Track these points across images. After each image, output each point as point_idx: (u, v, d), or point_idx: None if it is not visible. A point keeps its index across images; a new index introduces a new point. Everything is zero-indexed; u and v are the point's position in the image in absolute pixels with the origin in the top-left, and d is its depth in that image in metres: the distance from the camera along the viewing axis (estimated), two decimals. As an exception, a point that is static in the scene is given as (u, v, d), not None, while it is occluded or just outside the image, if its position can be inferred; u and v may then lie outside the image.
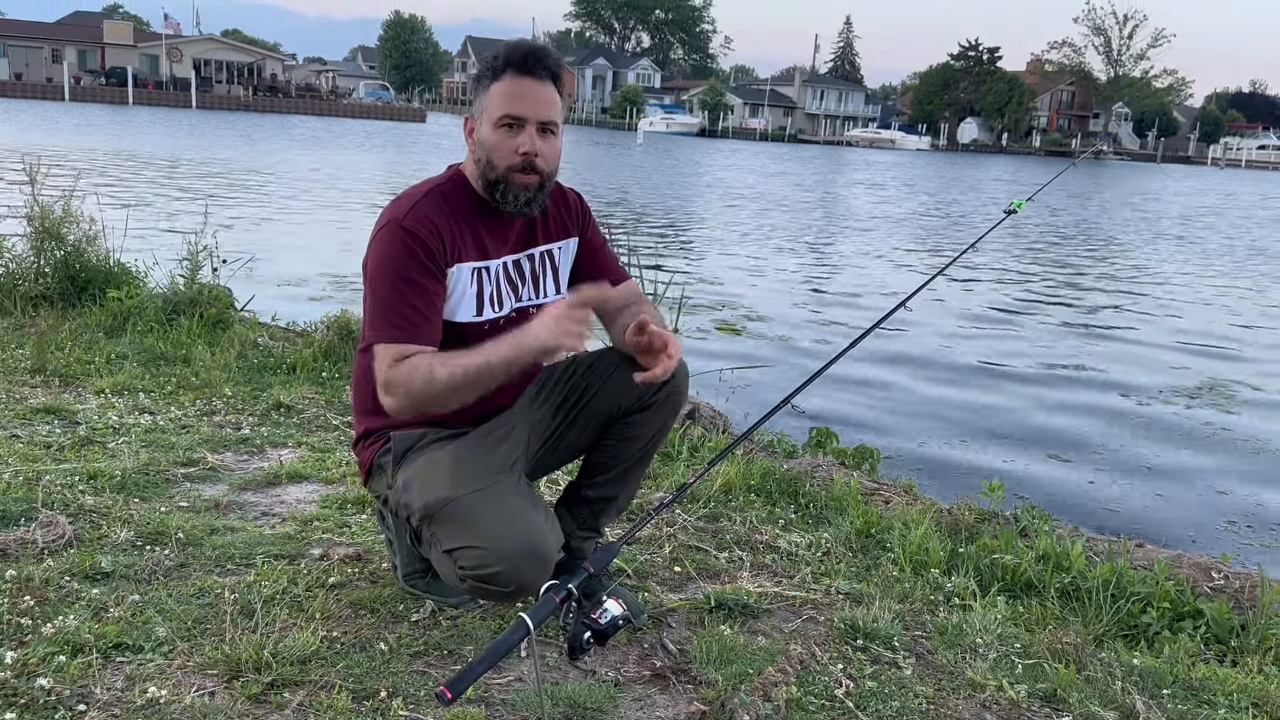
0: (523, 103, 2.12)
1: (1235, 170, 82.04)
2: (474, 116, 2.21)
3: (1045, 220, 21.82)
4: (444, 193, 2.20)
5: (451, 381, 2.05)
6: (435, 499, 2.13)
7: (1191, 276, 14.12)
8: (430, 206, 2.15)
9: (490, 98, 2.15)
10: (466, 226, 2.19)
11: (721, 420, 4.43)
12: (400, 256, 2.10)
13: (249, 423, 3.92)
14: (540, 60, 2.14)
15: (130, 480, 3.14)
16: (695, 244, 14.39)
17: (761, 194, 25.58)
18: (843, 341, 4.24)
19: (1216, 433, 6.19)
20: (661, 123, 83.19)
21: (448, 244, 2.14)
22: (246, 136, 35.95)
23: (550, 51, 2.18)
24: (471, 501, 2.11)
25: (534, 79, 2.14)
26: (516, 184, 2.15)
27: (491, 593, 2.14)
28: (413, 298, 2.10)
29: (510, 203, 2.18)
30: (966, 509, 3.57)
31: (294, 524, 2.95)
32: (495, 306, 2.24)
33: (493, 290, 2.24)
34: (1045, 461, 5.42)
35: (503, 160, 2.13)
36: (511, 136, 2.12)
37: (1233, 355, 8.73)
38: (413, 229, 2.11)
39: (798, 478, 3.68)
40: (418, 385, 2.05)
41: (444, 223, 2.14)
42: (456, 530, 2.11)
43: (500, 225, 2.25)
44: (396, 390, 2.08)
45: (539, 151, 2.14)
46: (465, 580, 2.12)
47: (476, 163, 2.19)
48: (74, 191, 5.73)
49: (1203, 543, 4.33)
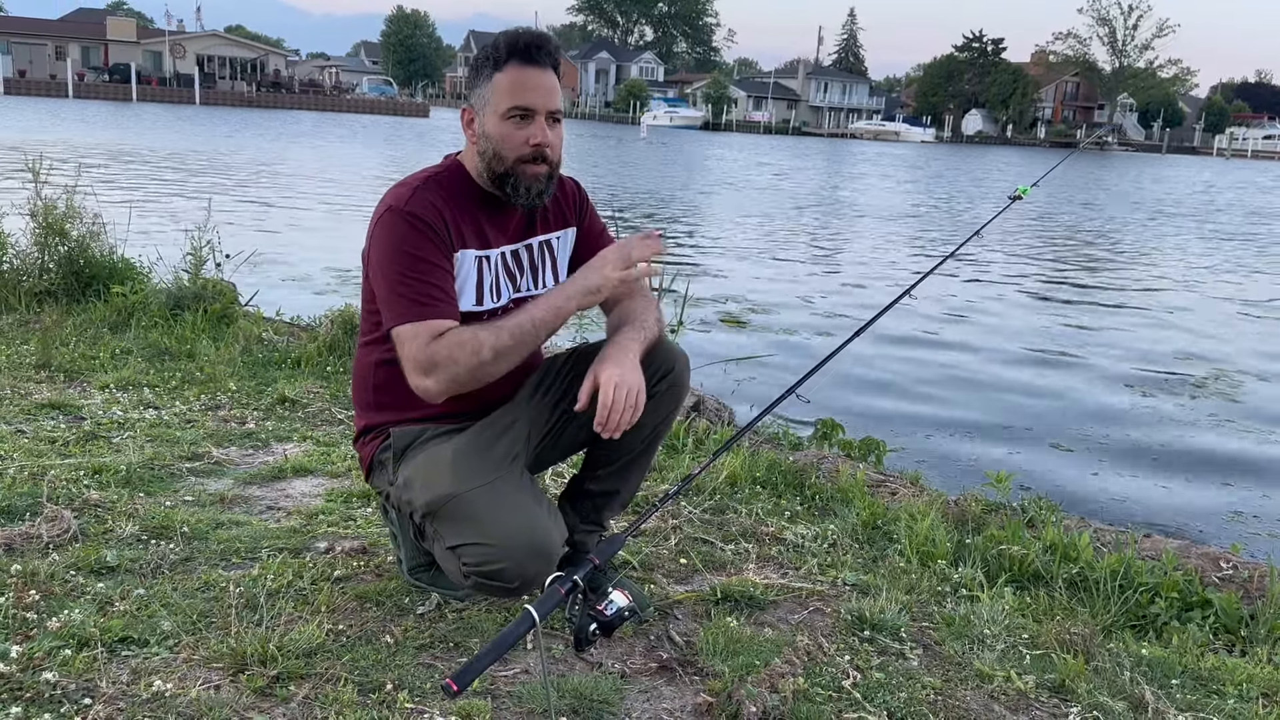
0: (532, 94, 2.10)
1: (1241, 160, 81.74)
2: (473, 107, 2.17)
3: (1051, 210, 21.76)
4: (441, 181, 2.17)
5: (499, 345, 2.03)
6: (437, 496, 2.12)
7: (1199, 267, 14.07)
8: (430, 193, 2.12)
9: (494, 88, 2.12)
10: (467, 214, 2.17)
11: (726, 412, 4.43)
12: (408, 237, 2.07)
13: (254, 417, 3.91)
14: (543, 48, 2.12)
15: (135, 475, 3.14)
16: (699, 237, 14.38)
17: (766, 187, 25.55)
18: (846, 333, 4.22)
19: (1222, 423, 6.17)
20: (665, 116, 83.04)
21: (451, 229, 2.12)
22: (251, 132, 35.97)
23: (550, 38, 2.16)
24: (474, 498, 2.10)
25: (538, 68, 2.11)
26: (528, 175, 2.13)
27: (496, 589, 2.13)
28: (429, 276, 2.06)
29: (522, 195, 2.15)
30: (973, 500, 3.56)
31: (299, 518, 2.94)
32: (494, 296, 2.22)
33: (493, 280, 2.21)
34: (1051, 452, 5.41)
35: (513, 152, 2.11)
36: (521, 128, 2.10)
37: (1237, 343, 8.70)
38: (416, 212, 2.08)
39: (803, 469, 3.67)
40: (465, 356, 2.01)
41: (446, 208, 2.12)
42: (460, 527, 2.10)
43: (500, 215, 2.23)
44: (441, 367, 2.02)
45: (549, 142, 2.13)
46: (469, 576, 2.11)
47: (481, 155, 2.16)
48: (77, 187, 5.73)
49: (1210, 534, 4.32)
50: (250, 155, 24.95)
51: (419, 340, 2.03)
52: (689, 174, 28.86)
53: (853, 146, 67.30)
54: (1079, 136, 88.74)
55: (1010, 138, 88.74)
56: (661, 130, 70.94)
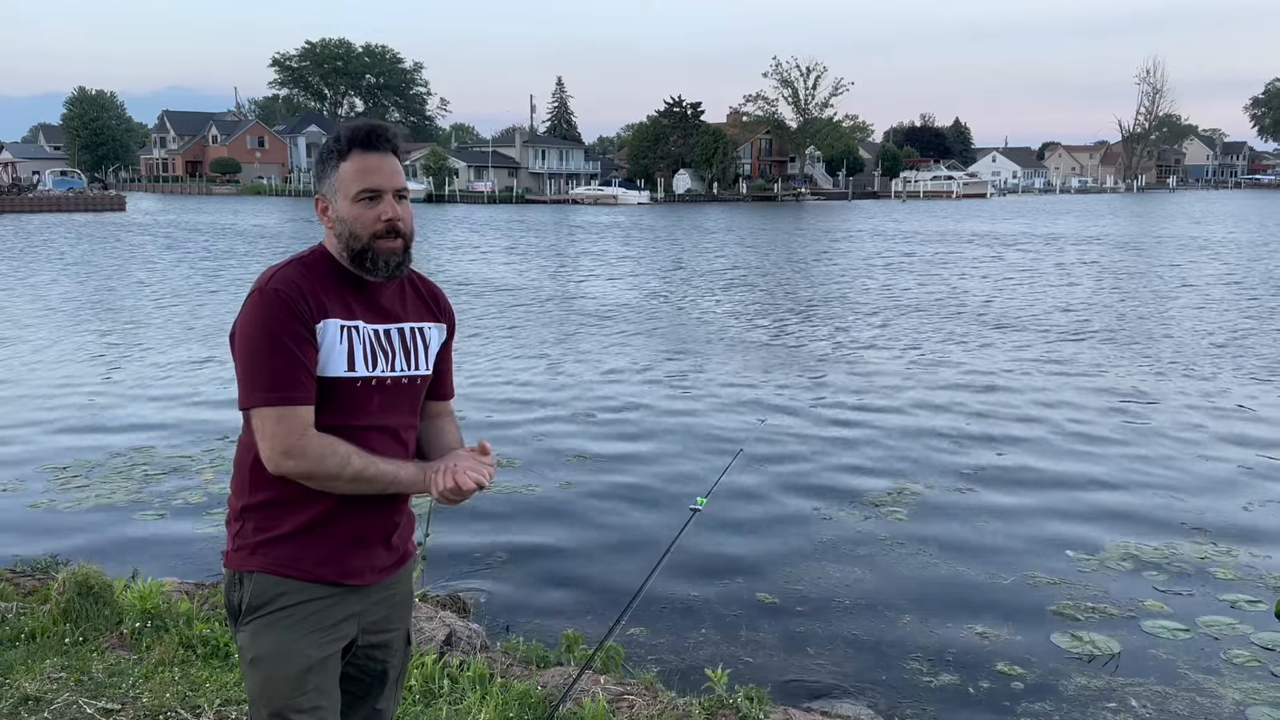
0: (377, 175, 2.30)
1: (915, 202, 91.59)
2: (325, 197, 2.35)
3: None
4: (307, 263, 2.31)
5: (359, 478, 2.23)
6: (280, 706, 2.28)
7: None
8: (293, 272, 2.27)
9: (341, 177, 2.30)
10: (330, 289, 2.29)
11: (478, 636, 4.78)
12: (268, 317, 2.20)
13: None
14: (382, 135, 2.36)
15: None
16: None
17: (490, 280, 26.03)
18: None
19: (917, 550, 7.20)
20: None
21: (312, 302, 2.24)
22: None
23: (388, 126, 2.42)
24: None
25: (379, 153, 2.32)
26: (384, 250, 2.29)
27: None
28: (284, 356, 2.19)
29: (381, 269, 2.30)
30: (698, 707, 4.13)
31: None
32: (368, 365, 2.31)
33: (363, 350, 2.31)
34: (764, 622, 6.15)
35: (366, 230, 2.28)
36: (371, 207, 2.30)
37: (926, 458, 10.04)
38: (277, 288, 2.22)
39: (552, 698, 4.09)
40: (330, 465, 2.20)
41: (308, 284, 2.25)
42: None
43: (365, 295, 2.35)
44: (308, 460, 2.18)
45: (400, 216, 2.36)
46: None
47: (339, 236, 2.31)
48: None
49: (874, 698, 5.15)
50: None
51: (287, 426, 2.18)
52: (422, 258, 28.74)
53: (575, 213, 69.52)
54: (776, 190, 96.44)
55: (716, 194, 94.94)
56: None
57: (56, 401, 11.42)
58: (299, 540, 2.28)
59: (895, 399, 11.62)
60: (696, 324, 18.05)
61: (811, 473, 8.79)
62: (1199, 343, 15.40)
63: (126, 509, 7.71)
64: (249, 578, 2.30)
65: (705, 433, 10.10)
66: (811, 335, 16.56)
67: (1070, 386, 12.21)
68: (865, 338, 16.18)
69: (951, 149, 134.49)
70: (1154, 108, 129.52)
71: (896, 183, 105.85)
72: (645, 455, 9.32)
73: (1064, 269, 28.15)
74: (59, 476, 8.50)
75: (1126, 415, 10.73)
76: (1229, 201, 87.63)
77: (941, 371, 13.22)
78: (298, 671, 2.27)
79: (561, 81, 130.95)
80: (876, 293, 22.50)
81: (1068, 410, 10.97)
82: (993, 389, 12.06)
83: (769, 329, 17.32)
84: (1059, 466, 8.86)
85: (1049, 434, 9.99)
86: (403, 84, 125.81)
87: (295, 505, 2.27)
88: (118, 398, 11.66)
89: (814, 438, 9.91)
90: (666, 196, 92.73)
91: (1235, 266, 28.32)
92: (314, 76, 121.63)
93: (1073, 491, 8.16)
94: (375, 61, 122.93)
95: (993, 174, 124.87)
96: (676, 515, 6.76)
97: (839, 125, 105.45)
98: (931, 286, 23.65)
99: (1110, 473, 8.66)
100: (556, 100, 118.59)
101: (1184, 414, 10.81)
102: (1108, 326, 17.15)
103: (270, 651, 2.28)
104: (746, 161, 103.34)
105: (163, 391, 11.97)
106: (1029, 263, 30.22)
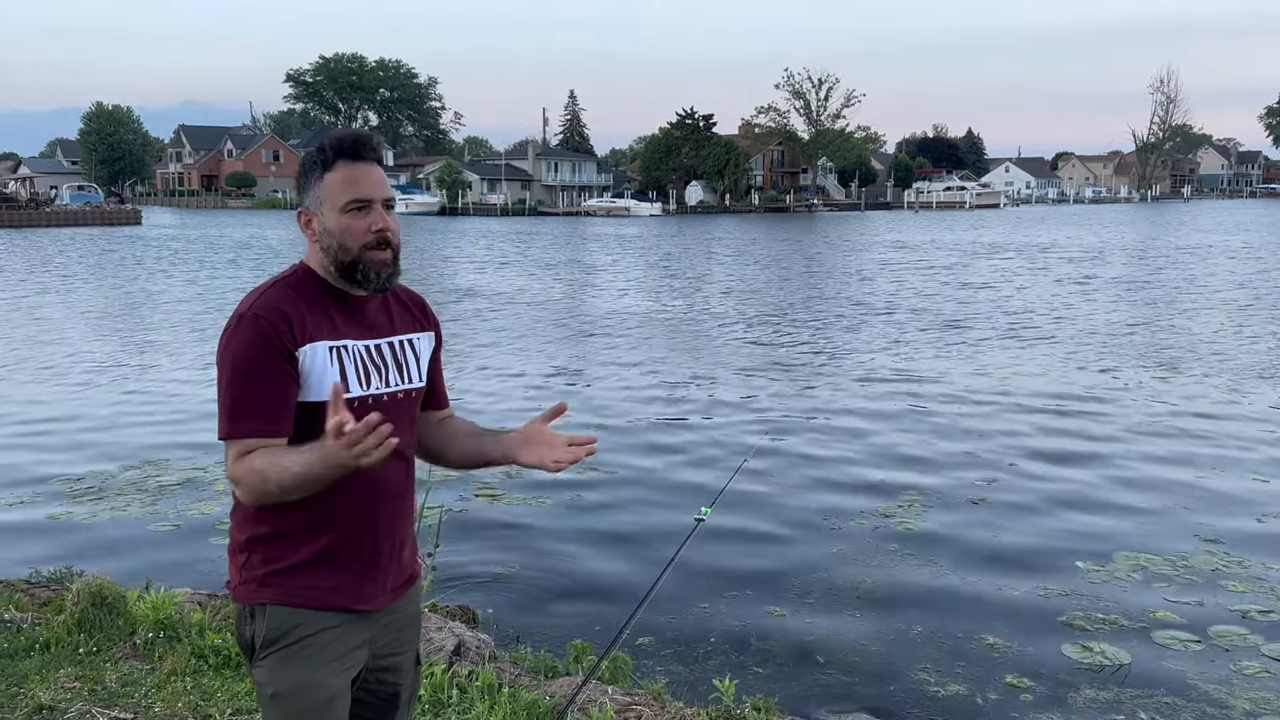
0: (365, 185, 2.25)
1: (928, 212, 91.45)
2: (309, 209, 2.28)
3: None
4: (289, 284, 2.26)
5: (281, 484, 2.12)
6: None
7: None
8: (275, 294, 2.22)
9: (327, 188, 2.25)
10: (317, 309, 2.24)
11: (486, 646, 4.81)
12: (245, 345, 2.16)
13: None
14: (367, 144, 2.33)
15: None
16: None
17: (501, 291, 26.13)
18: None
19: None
20: (400, 204, 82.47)
21: (295, 326, 2.18)
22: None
23: (371, 135, 2.40)
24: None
25: (365, 163, 2.30)
26: (374, 261, 2.27)
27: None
28: (257, 387, 2.15)
29: (371, 281, 2.26)
30: (706, 717, 4.14)
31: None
32: (362, 384, 2.26)
33: (355, 368, 2.26)
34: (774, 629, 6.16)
35: (356, 241, 2.23)
36: (360, 218, 2.26)
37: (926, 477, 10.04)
38: (258, 314, 2.17)
39: (560, 708, 4.11)
40: (256, 485, 2.13)
41: (290, 307, 2.20)
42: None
43: (352, 312, 2.30)
44: (243, 485, 2.15)
45: (390, 226, 2.33)
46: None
47: (326, 250, 2.25)
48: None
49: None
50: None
51: (231, 455, 2.17)
52: (429, 274, 28.90)
53: (588, 225, 69.65)
54: (788, 201, 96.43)
55: (729, 206, 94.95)
56: (399, 218, 70.13)
57: (73, 412, 11.56)
58: (310, 569, 2.25)
59: (903, 408, 11.62)
60: (706, 334, 18.08)
61: (818, 483, 8.78)
62: (1211, 351, 15.34)
63: (140, 520, 7.78)
64: (261, 610, 2.26)
65: (711, 442, 10.12)
66: (819, 346, 16.56)
67: (1080, 395, 12.18)
68: (875, 348, 16.17)
69: (964, 159, 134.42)
70: (1168, 117, 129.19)
71: (909, 193, 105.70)
72: (651, 466, 9.34)
73: (1083, 281, 28.05)
74: (73, 489, 8.58)
75: (1137, 425, 10.70)
76: (1243, 211, 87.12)
77: (949, 381, 13.21)
78: (320, 703, 2.24)
79: (573, 94, 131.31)
80: (890, 302, 22.49)
81: (1077, 420, 10.95)
82: (1006, 393, 12.04)
83: (776, 339, 17.34)
84: (1068, 476, 8.84)
85: (1058, 443, 9.96)
86: (416, 98, 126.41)
87: (302, 535, 2.24)
88: (134, 409, 11.77)
89: (821, 447, 9.92)
90: (679, 208, 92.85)
91: (1245, 277, 28.16)
92: (328, 91, 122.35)
93: (1082, 502, 8.14)
94: (389, 76, 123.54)
95: (1006, 184, 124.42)
96: (682, 525, 6.78)
97: (851, 136, 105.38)
98: (947, 295, 23.62)
99: (1120, 483, 8.63)
100: (569, 113, 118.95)
101: (1194, 423, 10.77)
102: (1119, 334, 17.09)
103: (290, 686, 2.23)
104: (759, 173, 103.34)
105: (178, 405, 12.06)
106: (1041, 271, 30.15)
